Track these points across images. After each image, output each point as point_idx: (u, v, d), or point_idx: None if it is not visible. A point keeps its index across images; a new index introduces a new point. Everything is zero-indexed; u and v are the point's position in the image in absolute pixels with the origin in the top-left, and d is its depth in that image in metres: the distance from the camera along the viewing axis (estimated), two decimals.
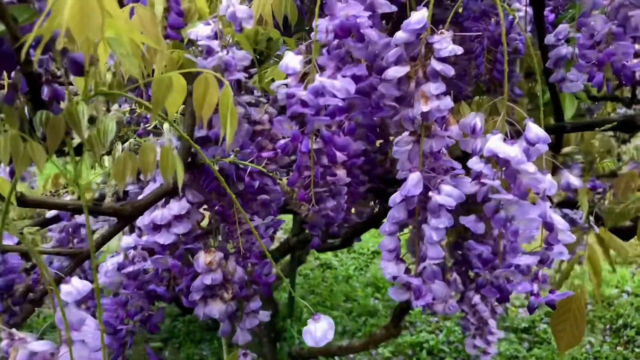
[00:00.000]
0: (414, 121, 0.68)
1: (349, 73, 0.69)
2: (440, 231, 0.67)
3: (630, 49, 0.79)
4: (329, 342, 0.99)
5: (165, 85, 0.46)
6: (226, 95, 0.48)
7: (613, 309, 4.13)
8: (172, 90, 0.46)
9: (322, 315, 0.60)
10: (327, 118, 0.65)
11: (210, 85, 0.49)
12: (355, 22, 0.67)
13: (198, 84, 0.50)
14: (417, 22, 0.65)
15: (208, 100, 0.49)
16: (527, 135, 0.65)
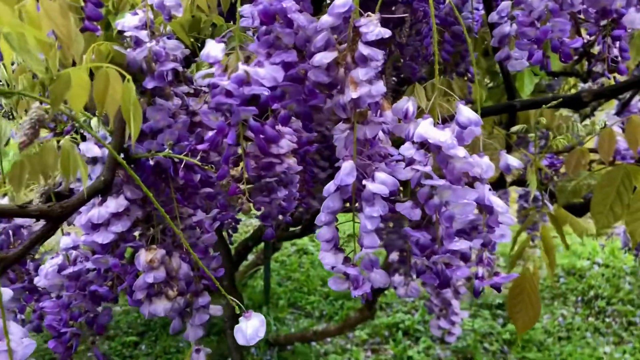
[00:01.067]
0: (345, 108, 0.66)
1: (278, 60, 0.66)
2: (375, 220, 0.65)
3: (566, 25, 0.78)
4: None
5: (63, 81, 0.44)
6: (128, 91, 0.46)
7: (585, 281, 4.21)
8: (70, 86, 0.43)
9: (253, 312, 0.58)
10: (253, 108, 0.62)
11: (112, 80, 0.47)
12: (280, 7, 0.65)
13: (98, 80, 0.47)
14: (341, 5, 0.63)
15: (111, 96, 0.47)
16: (458, 118, 0.64)
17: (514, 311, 0.99)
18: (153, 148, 0.80)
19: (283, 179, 1.09)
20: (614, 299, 3.91)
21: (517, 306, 0.98)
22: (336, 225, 0.70)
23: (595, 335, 3.48)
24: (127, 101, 0.46)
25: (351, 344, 3.54)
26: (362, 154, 0.70)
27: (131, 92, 0.46)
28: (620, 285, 4.07)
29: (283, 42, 0.68)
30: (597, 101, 2.31)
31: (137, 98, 0.47)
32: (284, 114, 0.70)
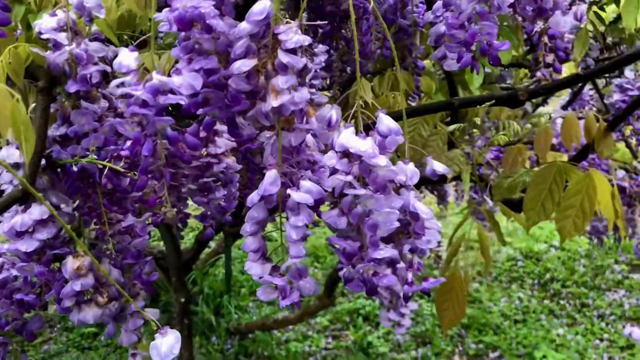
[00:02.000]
0: (267, 116, 0.65)
1: (197, 66, 0.65)
2: (300, 229, 0.65)
3: (493, 28, 0.78)
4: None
5: None
6: (17, 110, 0.44)
7: (541, 264, 4.31)
8: None
9: (169, 329, 0.57)
10: (169, 118, 0.61)
11: (0, 98, 0.45)
12: (198, 13, 0.63)
13: None
14: (258, 12, 0.61)
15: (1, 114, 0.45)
16: (378, 127, 0.64)
17: (442, 308, 1.01)
18: (78, 153, 0.77)
19: (222, 178, 1.07)
20: (569, 281, 4.02)
21: (444, 304, 1.00)
22: (263, 235, 0.69)
23: (550, 318, 3.58)
24: (17, 121, 0.44)
25: (312, 331, 3.56)
26: (288, 162, 0.69)
27: (21, 112, 0.44)
28: (575, 268, 4.19)
29: (203, 47, 0.66)
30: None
31: (28, 117, 0.45)
32: (208, 120, 0.69)
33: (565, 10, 0.82)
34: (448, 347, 3.27)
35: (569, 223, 1.01)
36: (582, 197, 1.00)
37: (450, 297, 0.99)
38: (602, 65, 1.16)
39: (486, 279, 4.11)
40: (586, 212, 1.00)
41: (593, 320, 3.51)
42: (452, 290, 0.98)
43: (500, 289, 3.96)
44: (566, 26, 0.82)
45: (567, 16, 0.82)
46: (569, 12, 0.82)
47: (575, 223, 1.01)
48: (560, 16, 0.82)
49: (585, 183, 1.00)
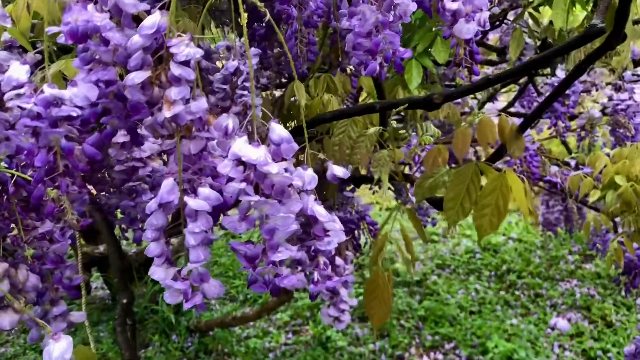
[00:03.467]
0: (163, 125, 0.67)
1: (94, 78, 0.66)
2: (198, 235, 0.67)
3: (395, 38, 0.81)
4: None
5: None
6: None
7: (499, 256, 4.41)
8: None
9: (62, 335, 0.59)
10: (61, 130, 0.62)
11: None
12: (92, 26, 0.64)
13: None
14: (149, 26, 0.63)
15: None
16: (270, 136, 0.66)
17: (370, 307, 1.04)
18: None
19: (149, 181, 1.09)
20: (525, 272, 4.12)
21: (372, 302, 1.03)
22: (166, 240, 0.71)
23: (505, 308, 3.67)
24: None
25: (273, 327, 3.59)
26: (190, 169, 0.71)
27: None
28: (531, 259, 4.30)
29: (102, 59, 0.68)
30: (492, 87, 2.41)
31: None
32: (108, 130, 0.70)
33: (467, 18, 0.85)
34: (405, 339, 3.33)
35: (485, 221, 1.05)
36: (497, 195, 1.04)
37: (377, 295, 1.02)
38: (512, 68, 1.20)
39: (444, 271, 4.19)
40: (501, 211, 1.05)
41: (546, 310, 3.62)
42: (378, 289, 1.02)
43: (458, 281, 4.04)
44: (469, 33, 0.86)
45: (470, 24, 0.85)
46: (472, 20, 0.85)
47: (491, 221, 1.06)
48: (463, 23, 0.85)
49: (499, 182, 1.04)
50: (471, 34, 0.85)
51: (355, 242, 1.75)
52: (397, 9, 0.81)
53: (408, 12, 0.82)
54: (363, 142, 1.23)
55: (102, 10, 0.67)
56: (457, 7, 0.83)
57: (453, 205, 1.06)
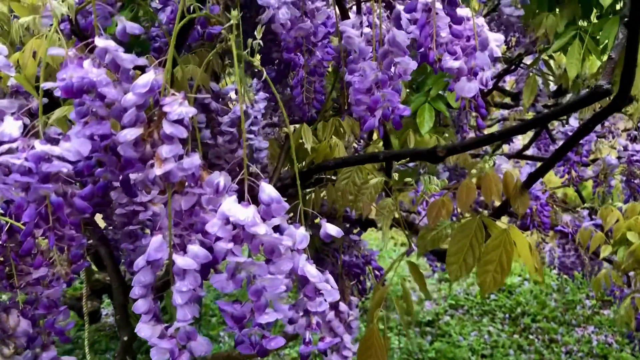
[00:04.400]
0: (155, 182, 0.67)
1: (88, 132, 0.66)
2: (185, 294, 0.66)
3: (394, 96, 0.80)
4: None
5: None
6: None
7: (513, 298, 4.32)
8: None
9: None
10: (50, 186, 0.62)
11: None
12: (88, 82, 0.65)
13: None
14: (142, 85, 0.63)
15: None
16: (260, 196, 0.65)
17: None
18: None
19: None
20: (540, 316, 4.03)
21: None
22: (153, 297, 0.70)
23: (518, 353, 3.57)
24: None
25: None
26: (180, 224, 0.71)
27: None
28: (547, 303, 4.20)
29: (98, 113, 0.68)
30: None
31: None
32: (101, 183, 0.70)
33: (469, 77, 0.84)
34: None
35: (489, 278, 1.03)
36: (501, 252, 1.02)
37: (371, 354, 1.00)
38: (515, 126, 1.18)
39: (457, 311, 4.11)
40: (504, 267, 1.02)
41: (561, 357, 3.51)
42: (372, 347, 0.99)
43: (471, 322, 3.96)
44: (471, 92, 0.85)
45: (472, 82, 0.84)
46: (474, 78, 0.85)
47: (495, 278, 1.03)
48: (465, 82, 0.84)
49: (503, 238, 1.02)
50: (473, 93, 0.85)
51: (360, 286, 1.72)
52: (398, 67, 0.81)
53: (408, 70, 0.81)
54: (367, 189, 1.22)
55: (100, 65, 0.67)
56: (458, 66, 0.82)
57: (456, 260, 1.04)
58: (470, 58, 0.83)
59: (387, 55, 0.79)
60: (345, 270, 1.56)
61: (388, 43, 0.78)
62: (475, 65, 0.82)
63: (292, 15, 1.06)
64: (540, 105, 1.95)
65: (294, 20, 1.06)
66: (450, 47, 0.75)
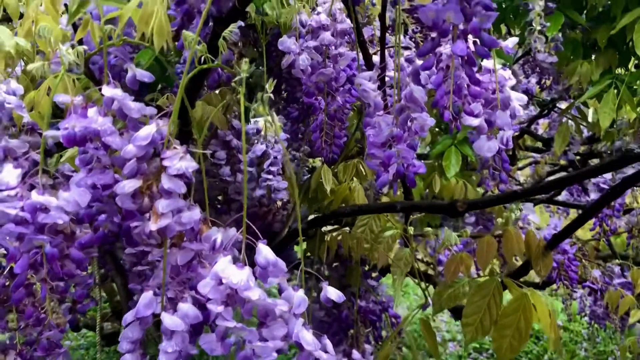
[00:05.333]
0: (150, 236, 0.65)
1: (90, 182, 0.65)
2: (171, 355, 0.63)
3: (410, 153, 0.77)
4: None
5: None
6: None
7: (541, 344, 4.17)
8: None
9: None
10: (45, 237, 0.61)
11: None
12: (92, 131, 0.64)
13: None
14: (144, 137, 0.62)
15: None
16: (257, 259, 0.62)
17: None
18: None
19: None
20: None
21: None
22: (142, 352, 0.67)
23: None
24: None
25: None
26: (175, 279, 0.68)
27: None
28: (576, 352, 4.04)
29: (102, 161, 0.67)
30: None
31: None
32: (101, 232, 0.69)
33: (489, 135, 0.81)
34: None
35: (505, 343, 0.98)
36: (519, 317, 0.96)
37: None
38: (542, 184, 1.13)
39: (482, 354, 3.98)
40: (522, 334, 0.97)
41: None
42: None
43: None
44: (491, 151, 0.81)
45: (492, 141, 0.81)
46: (494, 138, 0.81)
47: (512, 344, 0.98)
48: (485, 140, 0.81)
49: (523, 302, 0.97)
50: (492, 153, 0.81)
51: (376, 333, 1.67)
52: (414, 123, 0.78)
53: (425, 126, 0.78)
54: (385, 237, 1.18)
55: (106, 113, 0.66)
56: (478, 124, 0.79)
57: (472, 321, 0.99)
58: (490, 116, 0.79)
59: (403, 111, 0.77)
60: (361, 316, 1.52)
61: (405, 99, 0.76)
62: (496, 124, 0.78)
63: (315, 60, 1.04)
64: (572, 153, 1.89)
65: (315, 65, 1.05)
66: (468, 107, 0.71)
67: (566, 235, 0.98)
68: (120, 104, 0.66)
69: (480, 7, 0.66)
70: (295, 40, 1.02)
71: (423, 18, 0.69)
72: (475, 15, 0.66)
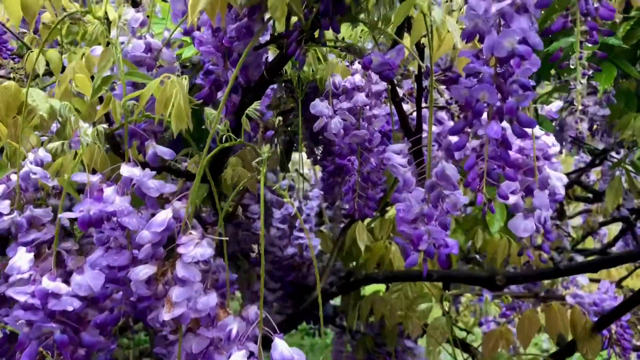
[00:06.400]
0: (164, 323, 0.62)
1: (104, 263, 0.64)
2: None
3: (441, 234, 0.73)
4: None
5: None
6: None
7: None
8: None
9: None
10: (54, 325, 0.59)
11: None
12: (109, 212, 0.63)
13: None
14: (159, 223, 0.60)
15: None
16: (272, 354, 0.59)
17: None
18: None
19: None
20: None
21: None
22: None
23: None
24: None
25: None
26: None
27: None
28: None
29: (118, 241, 0.65)
30: None
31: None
32: (115, 314, 0.67)
33: (526, 214, 0.75)
34: None
35: None
36: None
37: None
38: (585, 262, 1.06)
39: None
40: None
41: None
42: None
43: None
44: (527, 232, 0.76)
45: (529, 221, 0.75)
46: (531, 216, 0.76)
47: None
48: (521, 219, 0.75)
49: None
50: (529, 233, 0.76)
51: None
52: (446, 201, 0.73)
53: (458, 204, 0.74)
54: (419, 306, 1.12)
55: (124, 192, 0.65)
56: (515, 202, 0.74)
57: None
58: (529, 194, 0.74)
59: (434, 188, 0.72)
60: None
61: (436, 176, 0.72)
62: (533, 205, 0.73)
63: (348, 122, 1.02)
64: (625, 209, 1.79)
65: (349, 126, 1.02)
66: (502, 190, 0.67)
67: (618, 316, 0.90)
68: (138, 184, 0.64)
69: (517, 85, 0.62)
70: (327, 104, 0.99)
71: (455, 95, 0.66)
72: (512, 95, 0.62)
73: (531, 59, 0.60)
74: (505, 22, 0.61)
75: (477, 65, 0.61)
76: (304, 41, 0.75)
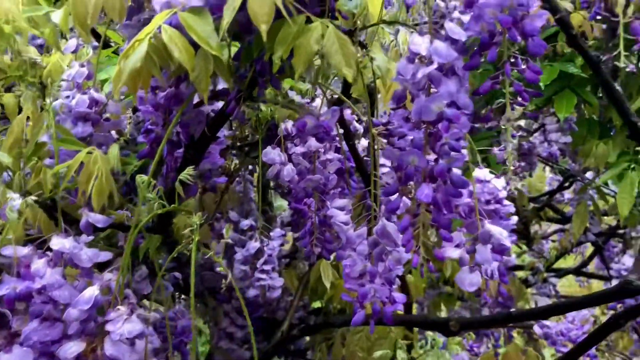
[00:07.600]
0: None
1: (35, 338, 0.62)
2: None
3: (384, 292, 0.72)
4: None
5: None
6: None
7: None
8: None
9: None
10: None
11: None
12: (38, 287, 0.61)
13: None
14: (86, 301, 0.59)
15: None
16: None
17: None
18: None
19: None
20: None
21: None
22: None
23: None
24: None
25: None
26: None
27: None
28: None
29: (52, 314, 0.64)
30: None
31: None
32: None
33: (472, 268, 0.75)
34: None
35: None
36: None
37: None
38: (540, 308, 1.05)
39: None
40: None
41: None
42: None
43: None
44: (473, 286, 0.75)
45: (475, 274, 0.75)
46: (477, 270, 0.75)
47: None
48: (467, 273, 0.75)
49: None
50: (475, 287, 0.75)
51: None
52: (388, 257, 0.73)
53: (402, 260, 0.73)
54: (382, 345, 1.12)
55: (55, 264, 0.64)
56: (459, 256, 0.74)
57: None
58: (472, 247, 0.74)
59: (377, 245, 0.72)
60: None
61: (377, 233, 0.71)
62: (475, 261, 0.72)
63: (302, 166, 1.01)
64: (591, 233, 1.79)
65: (303, 170, 1.02)
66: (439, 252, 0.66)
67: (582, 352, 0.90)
68: (71, 255, 0.63)
69: (447, 147, 0.62)
70: (280, 151, 0.99)
71: (388, 157, 0.66)
72: (442, 157, 0.62)
73: (460, 122, 0.60)
74: (434, 85, 0.61)
75: (406, 130, 0.61)
76: (243, 99, 0.74)
